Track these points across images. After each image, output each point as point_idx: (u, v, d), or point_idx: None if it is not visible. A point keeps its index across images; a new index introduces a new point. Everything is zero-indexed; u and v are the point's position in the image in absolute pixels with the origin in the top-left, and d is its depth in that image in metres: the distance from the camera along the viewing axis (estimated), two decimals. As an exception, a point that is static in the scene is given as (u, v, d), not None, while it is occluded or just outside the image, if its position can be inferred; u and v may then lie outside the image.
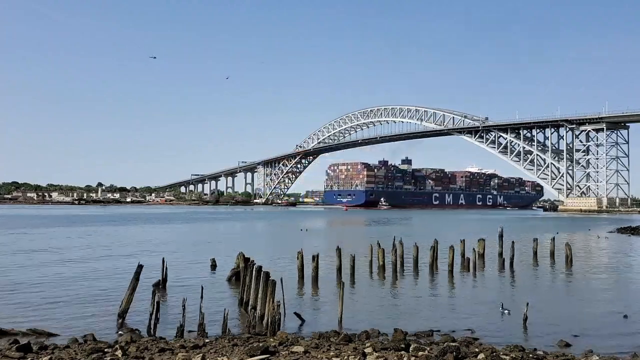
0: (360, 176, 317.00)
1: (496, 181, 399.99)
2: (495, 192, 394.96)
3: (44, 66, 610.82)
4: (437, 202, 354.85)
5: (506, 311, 26.22)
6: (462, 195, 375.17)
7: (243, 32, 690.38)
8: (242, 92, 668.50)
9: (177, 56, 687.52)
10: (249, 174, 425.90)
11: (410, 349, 17.71)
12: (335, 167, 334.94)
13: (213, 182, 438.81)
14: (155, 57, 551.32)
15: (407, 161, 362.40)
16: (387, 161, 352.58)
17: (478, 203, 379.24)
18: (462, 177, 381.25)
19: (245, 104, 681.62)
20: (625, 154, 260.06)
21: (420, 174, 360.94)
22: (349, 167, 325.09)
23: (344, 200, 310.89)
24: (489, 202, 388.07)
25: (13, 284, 33.59)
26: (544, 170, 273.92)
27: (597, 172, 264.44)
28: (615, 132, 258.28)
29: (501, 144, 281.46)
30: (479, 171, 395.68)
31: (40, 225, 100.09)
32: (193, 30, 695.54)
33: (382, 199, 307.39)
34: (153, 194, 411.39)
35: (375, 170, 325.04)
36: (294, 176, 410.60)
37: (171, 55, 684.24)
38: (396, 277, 38.16)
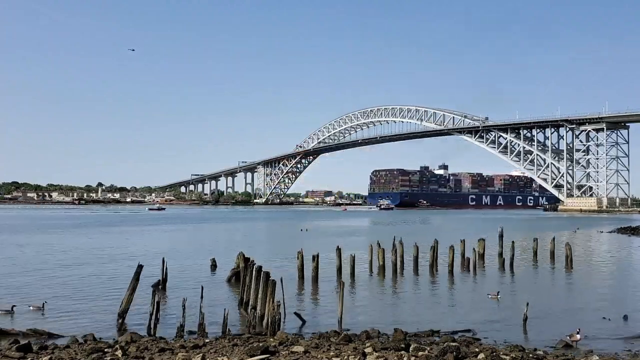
0: (397, 180, 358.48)
1: (538, 183, 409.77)
2: (537, 194, 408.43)
3: (44, 66, 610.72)
4: (473, 203, 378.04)
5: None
6: (500, 196, 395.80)
7: (243, 32, 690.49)
8: (242, 92, 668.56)
9: (177, 56, 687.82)
10: (249, 174, 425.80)
11: (410, 349, 17.71)
12: (377, 173, 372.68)
13: (213, 182, 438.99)
14: (133, 50, 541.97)
15: (444, 166, 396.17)
16: (428, 167, 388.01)
17: (518, 204, 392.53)
18: (500, 180, 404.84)
19: (245, 104, 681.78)
20: (625, 154, 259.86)
21: (456, 178, 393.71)
22: (387, 173, 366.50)
23: (383, 200, 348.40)
24: (530, 202, 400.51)
25: (13, 284, 33.62)
26: (544, 170, 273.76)
27: (597, 172, 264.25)
28: (615, 132, 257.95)
29: (501, 144, 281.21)
30: (520, 174, 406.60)
31: (42, 227, 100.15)
32: (193, 30, 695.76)
33: (420, 199, 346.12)
34: (153, 194, 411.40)
35: (410, 175, 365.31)
36: (294, 176, 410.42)
37: (171, 56, 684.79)
38: (396, 277, 38.17)
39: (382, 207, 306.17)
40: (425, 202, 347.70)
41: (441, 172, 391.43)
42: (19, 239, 69.06)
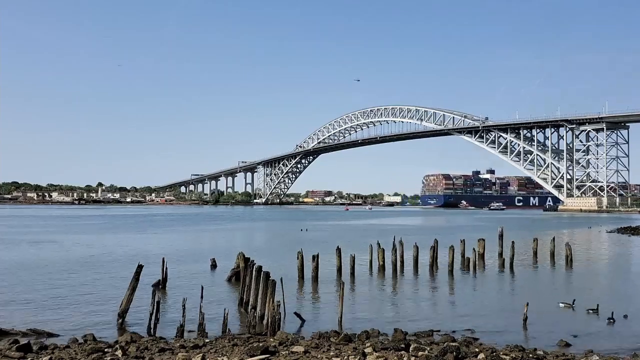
0: (441, 184, 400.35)
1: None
2: None
3: (44, 66, 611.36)
4: (520, 204, 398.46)
5: None
6: (549, 197, 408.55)
7: (243, 32, 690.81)
8: (242, 93, 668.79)
9: (177, 56, 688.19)
10: (249, 174, 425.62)
11: (410, 349, 17.71)
12: (427, 177, 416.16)
13: (213, 182, 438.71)
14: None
15: (491, 171, 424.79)
16: (479, 171, 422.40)
17: None
18: None
19: (245, 104, 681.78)
20: (625, 154, 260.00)
21: (502, 181, 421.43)
22: (434, 177, 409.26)
23: (432, 202, 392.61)
24: None
25: (14, 284, 33.62)
26: (544, 170, 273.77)
27: (597, 172, 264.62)
28: (615, 132, 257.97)
29: (501, 144, 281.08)
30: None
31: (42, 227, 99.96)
32: (194, 31, 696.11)
33: (462, 201, 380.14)
34: (153, 194, 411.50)
35: (454, 179, 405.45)
36: (294, 176, 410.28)
37: (171, 56, 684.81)
38: (396, 277, 38.17)
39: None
40: (465, 203, 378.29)
41: (487, 176, 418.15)
42: (23, 238, 69.06)
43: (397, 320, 24.49)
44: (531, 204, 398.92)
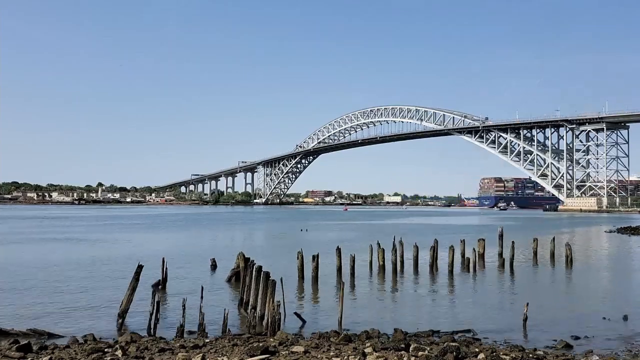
0: (493, 187, 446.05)
1: None
2: None
3: (44, 66, 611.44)
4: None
5: None
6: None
7: (243, 32, 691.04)
8: (242, 93, 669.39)
9: (178, 57, 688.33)
10: (249, 174, 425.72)
11: (410, 349, 17.70)
12: (482, 180, 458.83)
13: (213, 182, 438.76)
14: None
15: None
16: (530, 177, 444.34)
17: None
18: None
19: (245, 104, 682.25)
20: (626, 154, 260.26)
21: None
22: (488, 180, 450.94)
23: (486, 203, 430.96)
24: None
25: (14, 284, 33.62)
26: (543, 170, 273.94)
27: (597, 172, 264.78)
28: (615, 132, 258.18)
29: (501, 144, 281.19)
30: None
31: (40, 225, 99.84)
32: (194, 31, 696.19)
33: (511, 202, 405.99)
34: (153, 194, 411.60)
35: (505, 182, 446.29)
36: (294, 176, 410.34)
37: (171, 56, 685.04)
38: (396, 277, 38.16)
39: (500, 207, 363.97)
40: (513, 204, 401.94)
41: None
42: (24, 237, 69.05)
43: (397, 320, 24.48)
44: None
